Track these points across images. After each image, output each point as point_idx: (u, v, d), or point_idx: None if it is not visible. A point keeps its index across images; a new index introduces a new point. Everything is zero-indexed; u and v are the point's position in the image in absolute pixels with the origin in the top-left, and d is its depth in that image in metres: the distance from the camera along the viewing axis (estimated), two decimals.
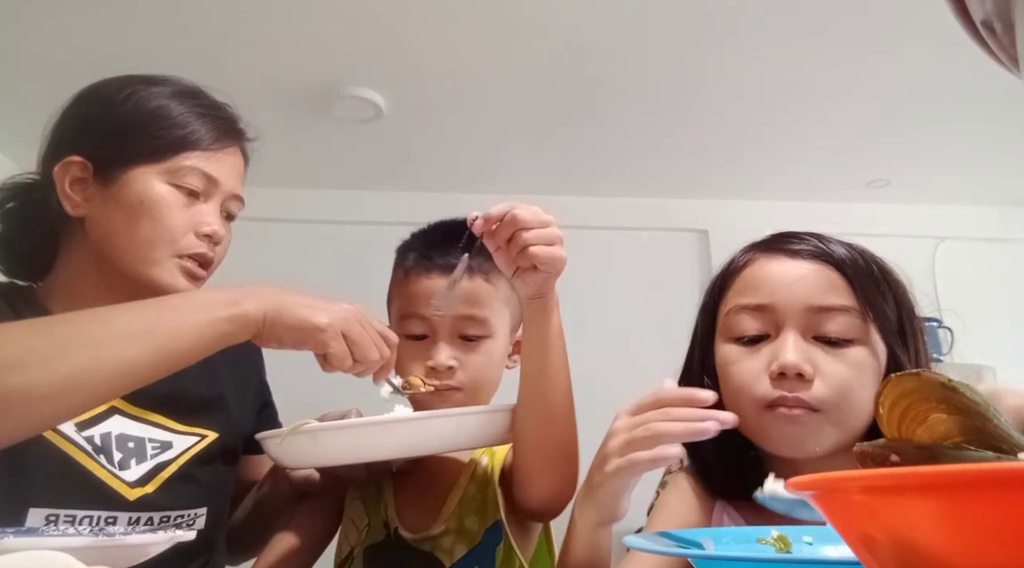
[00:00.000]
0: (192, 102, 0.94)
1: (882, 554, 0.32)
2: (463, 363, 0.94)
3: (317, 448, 0.82)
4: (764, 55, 2.07)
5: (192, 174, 0.89)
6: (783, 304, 0.74)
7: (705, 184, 2.88)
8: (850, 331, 0.73)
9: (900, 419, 0.39)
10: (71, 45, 1.96)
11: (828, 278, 0.74)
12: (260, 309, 0.76)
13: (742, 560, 0.50)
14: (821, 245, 0.77)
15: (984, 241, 3.04)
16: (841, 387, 0.72)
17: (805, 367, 0.71)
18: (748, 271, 0.79)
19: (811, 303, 0.73)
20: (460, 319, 0.94)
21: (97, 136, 0.90)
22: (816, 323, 0.73)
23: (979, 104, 2.26)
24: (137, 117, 0.90)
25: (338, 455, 0.83)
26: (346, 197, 2.86)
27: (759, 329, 0.76)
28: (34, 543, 0.49)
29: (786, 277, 0.75)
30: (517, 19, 1.92)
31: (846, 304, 0.73)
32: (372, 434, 0.81)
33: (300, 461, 0.88)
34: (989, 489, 0.27)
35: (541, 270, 0.77)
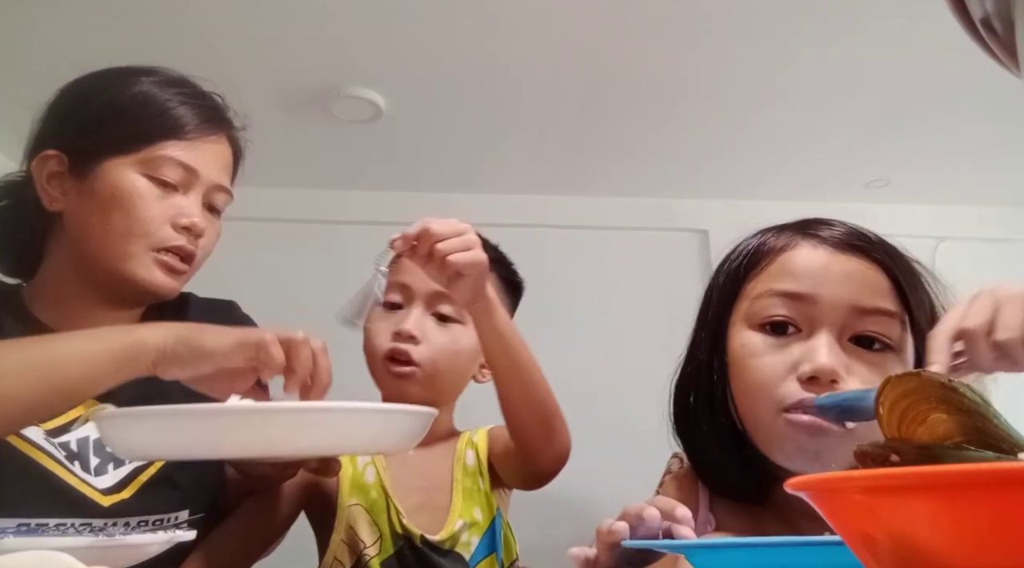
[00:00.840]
0: (172, 90, 0.90)
1: (882, 554, 0.32)
2: (428, 338, 0.95)
3: (120, 437, 0.67)
4: (764, 55, 2.07)
5: (168, 164, 0.85)
6: (828, 299, 0.68)
7: (705, 184, 2.88)
8: (890, 336, 0.67)
9: (900, 419, 0.39)
10: (70, 46, 1.96)
11: (876, 279, 0.69)
12: (160, 336, 0.71)
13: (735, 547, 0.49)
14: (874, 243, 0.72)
15: (984, 241, 3.03)
16: None
17: (842, 372, 0.65)
18: (788, 255, 0.73)
19: (857, 303, 0.68)
20: (438, 294, 0.95)
21: (73, 128, 0.88)
22: (855, 325, 0.67)
23: (979, 104, 2.26)
24: (113, 107, 0.87)
25: (153, 448, 0.67)
26: (346, 197, 2.86)
27: (792, 319, 0.69)
28: (34, 543, 0.49)
29: (833, 272, 0.69)
30: (517, 19, 1.92)
31: (891, 309, 0.68)
32: (181, 425, 0.63)
33: (124, 451, 0.73)
34: (989, 489, 0.27)
35: (465, 274, 0.81)
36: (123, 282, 0.85)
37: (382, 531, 0.94)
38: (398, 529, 0.93)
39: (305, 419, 0.64)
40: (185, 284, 0.93)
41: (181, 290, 0.92)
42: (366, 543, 0.94)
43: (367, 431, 0.68)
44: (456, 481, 0.96)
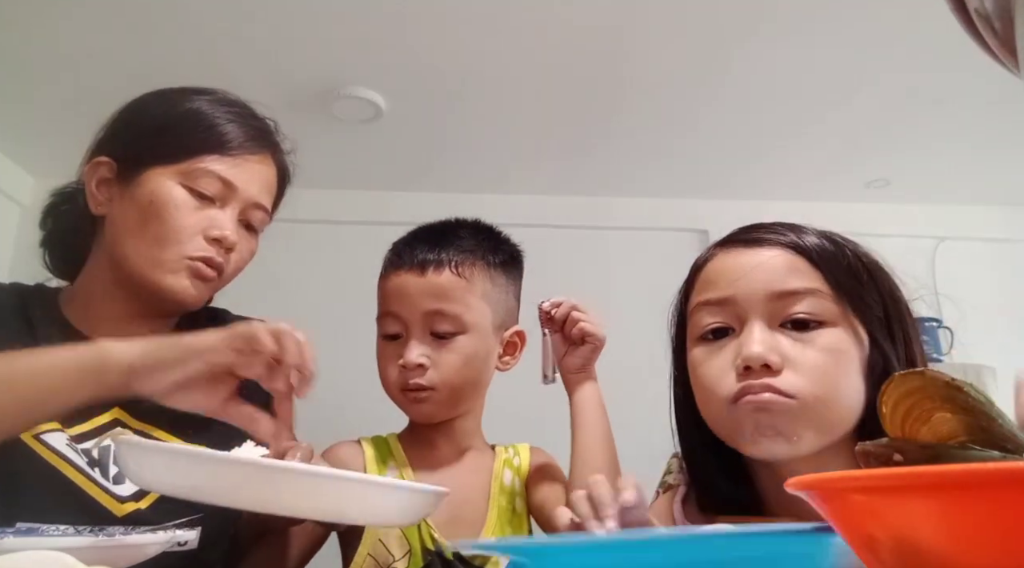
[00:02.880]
0: (223, 109, 0.92)
1: (884, 554, 0.32)
2: (435, 362, 0.93)
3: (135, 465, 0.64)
4: (764, 55, 2.07)
5: (207, 177, 0.87)
6: (743, 294, 0.70)
7: (705, 184, 2.88)
8: (820, 313, 0.67)
9: (904, 418, 0.39)
10: (72, 47, 1.96)
11: (789, 262, 0.70)
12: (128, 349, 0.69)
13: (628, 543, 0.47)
14: (782, 232, 0.73)
15: (984, 241, 3.03)
16: (815, 373, 0.66)
17: (771, 357, 0.66)
18: (707, 267, 0.76)
19: (772, 289, 0.68)
20: (429, 314, 0.93)
21: (125, 138, 0.91)
22: (781, 309, 0.68)
23: (979, 104, 2.26)
24: (163, 120, 0.90)
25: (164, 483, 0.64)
26: (346, 197, 2.86)
27: (722, 323, 0.71)
28: (34, 543, 0.49)
29: (743, 266, 0.71)
30: (517, 19, 1.92)
31: (811, 286, 0.68)
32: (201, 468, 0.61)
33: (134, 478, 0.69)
34: (993, 489, 0.27)
35: (588, 342, 0.95)
36: (149, 287, 0.86)
37: (412, 545, 0.91)
38: (428, 543, 0.92)
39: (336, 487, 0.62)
40: (211, 296, 0.94)
41: (205, 301, 0.93)
42: (395, 556, 0.92)
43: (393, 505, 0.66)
44: (492, 497, 0.94)
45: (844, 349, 0.68)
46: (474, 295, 0.96)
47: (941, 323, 2.64)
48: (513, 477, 0.97)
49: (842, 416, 0.67)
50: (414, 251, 0.96)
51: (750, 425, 0.68)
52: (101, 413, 0.84)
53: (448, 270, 0.94)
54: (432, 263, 0.94)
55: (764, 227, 0.75)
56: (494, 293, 0.98)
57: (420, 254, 0.95)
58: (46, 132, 2.31)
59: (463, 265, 0.95)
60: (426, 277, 0.94)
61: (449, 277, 0.94)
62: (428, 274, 0.94)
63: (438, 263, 0.94)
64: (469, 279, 0.95)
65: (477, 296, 0.96)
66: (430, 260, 0.95)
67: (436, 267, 0.94)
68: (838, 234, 0.75)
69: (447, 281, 0.94)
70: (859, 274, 0.70)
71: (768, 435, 0.67)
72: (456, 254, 0.95)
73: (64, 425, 0.81)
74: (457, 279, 0.95)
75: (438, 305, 0.93)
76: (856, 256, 0.72)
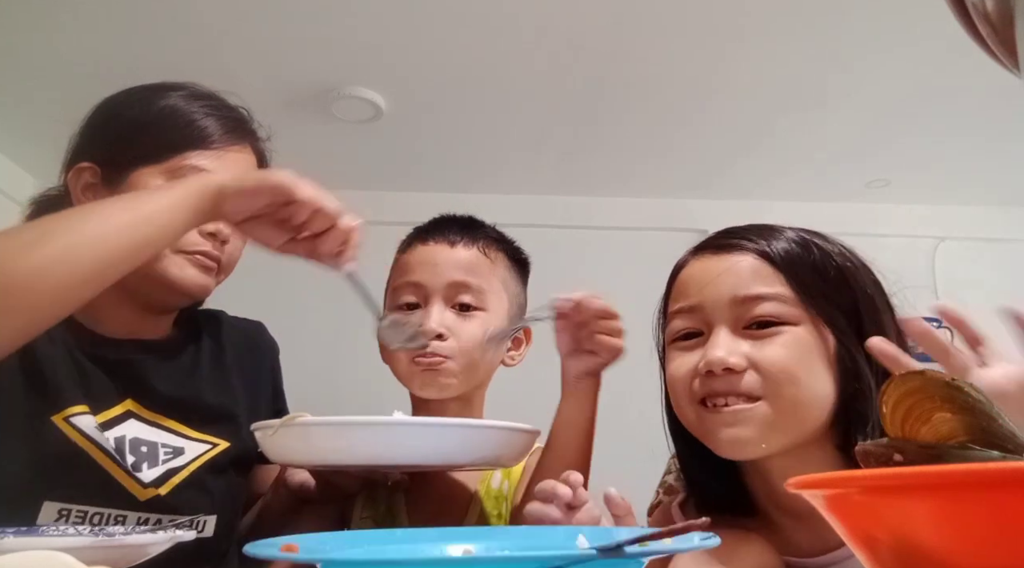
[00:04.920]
0: (198, 103, 0.94)
1: (884, 554, 0.32)
2: (455, 331, 0.93)
3: (308, 443, 0.76)
4: (764, 56, 2.07)
5: (193, 173, 0.88)
6: (710, 301, 0.73)
7: (705, 184, 2.88)
8: (781, 314, 0.70)
9: (904, 418, 0.39)
10: (72, 49, 1.96)
11: (752, 267, 0.72)
12: (223, 178, 0.77)
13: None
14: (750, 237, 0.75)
15: (984, 241, 3.03)
16: (776, 369, 0.68)
17: (731, 360, 0.68)
18: (681, 274, 0.79)
19: (736, 294, 0.71)
20: (454, 285, 0.94)
21: (106, 142, 0.92)
22: (744, 313, 0.71)
23: (979, 104, 2.26)
24: (143, 119, 0.91)
25: (330, 454, 0.76)
26: (346, 197, 2.85)
27: (690, 327, 0.75)
28: (34, 543, 0.49)
29: (710, 273, 0.74)
30: (517, 19, 1.92)
31: (773, 291, 0.70)
32: (369, 435, 0.74)
33: (289, 456, 0.82)
34: (993, 489, 0.27)
35: (600, 357, 0.88)
36: (156, 283, 0.88)
37: None
38: None
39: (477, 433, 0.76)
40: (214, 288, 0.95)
41: (210, 292, 0.95)
42: None
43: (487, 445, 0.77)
44: (475, 501, 0.94)
45: (805, 346, 0.70)
46: (496, 278, 0.98)
47: (941, 323, 2.64)
48: (503, 481, 0.96)
49: (808, 411, 0.69)
50: (444, 229, 0.99)
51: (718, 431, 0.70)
52: (116, 403, 0.87)
53: (477, 249, 0.97)
54: (461, 240, 0.97)
55: (735, 232, 0.77)
56: (511, 284, 1.00)
57: (450, 232, 0.98)
58: (46, 132, 2.30)
59: (490, 248, 0.99)
60: (455, 250, 0.96)
61: (477, 255, 0.97)
62: (458, 248, 0.97)
63: (468, 241, 0.97)
64: (494, 261, 0.98)
65: (498, 280, 0.98)
66: (460, 238, 0.98)
67: (466, 244, 0.97)
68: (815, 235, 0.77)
69: (475, 257, 0.97)
70: (825, 274, 0.72)
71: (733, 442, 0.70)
72: (484, 238, 0.99)
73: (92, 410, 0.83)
74: (484, 258, 0.97)
75: (464, 277, 0.95)
76: (826, 256, 0.74)
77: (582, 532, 0.55)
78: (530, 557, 0.42)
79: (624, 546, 0.42)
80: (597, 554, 0.41)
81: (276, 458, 0.83)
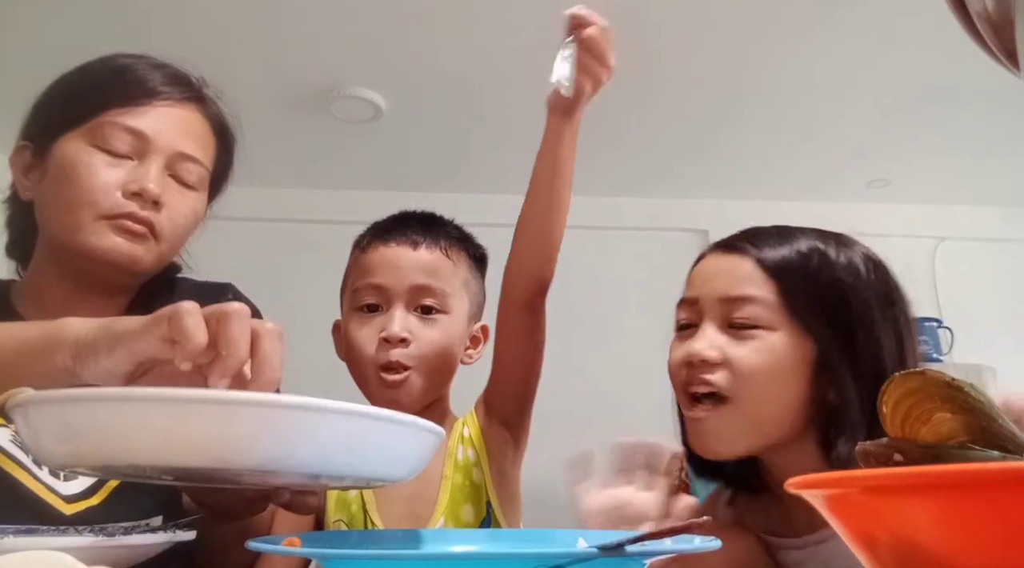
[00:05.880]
0: (128, 62, 0.85)
1: (884, 554, 0.32)
2: (417, 337, 0.92)
3: (37, 433, 0.50)
4: (764, 55, 2.07)
5: (114, 130, 0.80)
6: (705, 297, 0.78)
7: (705, 184, 2.88)
8: (758, 318, 0.74)
9: (904, 418, 0.39)
10: (69, 45, 1.95)
11: (746, 271, 0.76)
12: (80, 325, 0.60)
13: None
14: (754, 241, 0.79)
15: (984, 241, 3.03)
16: (743, 369, 0.73)
17: (707, 353, 0.73)
18: (693, 269, 0.84)
19: (725, 294, 0.76)
20: (416, 288, 0.93)
21: (38, 114, 0.87)
22: (729, 313, 0.75)
23: (979, 104, 2.26)
24: (63, 87, 0.85)
25: (74, 449, 0.49)
26: (346, 197, 2.86)
27: (687, 319, 0.80)
28: (34, 543, 0.49)
29: (711, 271, 0.79)
30: (517, 19, 1.92)
31: (755, 294, 0.75)
32: (142, 418, 0.46)
33: (42, 454, 0.53)
34: (993, 489, 0.27)
35: (602, 81, 0.98)
36: (81, 256, 0.80)
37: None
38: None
39: (289, 418, 0.46)
40: (157, 259, 0.85)
41: (149, 264, 0.84)
42: None
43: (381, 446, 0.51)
44: (445, 479, 0.94)
45: (777, 352, 0.74)
46: (458, 280, 0.98)
47: (941, 323, 2.64)
48: (466, 449, 0.97)
49: (768, 411, 0.74)
50: (406, 229, 0.98)
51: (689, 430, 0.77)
52: None
53: (439, 250, 0.97)
54: (424, 242, 0.96)
55: (747, 235, 0.81)
56: (472, 284, 1.00)
57: (412, 233, 0.97)
58: None
59: (452, 250, 0.98)
60: (418, 252, 0.95)
61: (440, 257, 0.96)
62: (420, 250, 0.96)
63: (430, 243, 0.96)
64: (456, 263, 0.98)
65: (460, 282, 0.98)
66: (422, 239, 0.97)
67: (428, 246, 0.96)
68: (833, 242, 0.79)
69: (438, 260, 0.96)
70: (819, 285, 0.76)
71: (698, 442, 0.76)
72: (446, 239, 0.98)
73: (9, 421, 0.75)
74: (447, 260, 0.97)
75: (428, 281, 0.94)
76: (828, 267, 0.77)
77: (582, 535, 0.55)
78: (531, 555, 0.42)
79: (625, 546, 0.42)
80: (598, 553, 0.41)
81: (35, 455, 0.63)
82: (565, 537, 0.57)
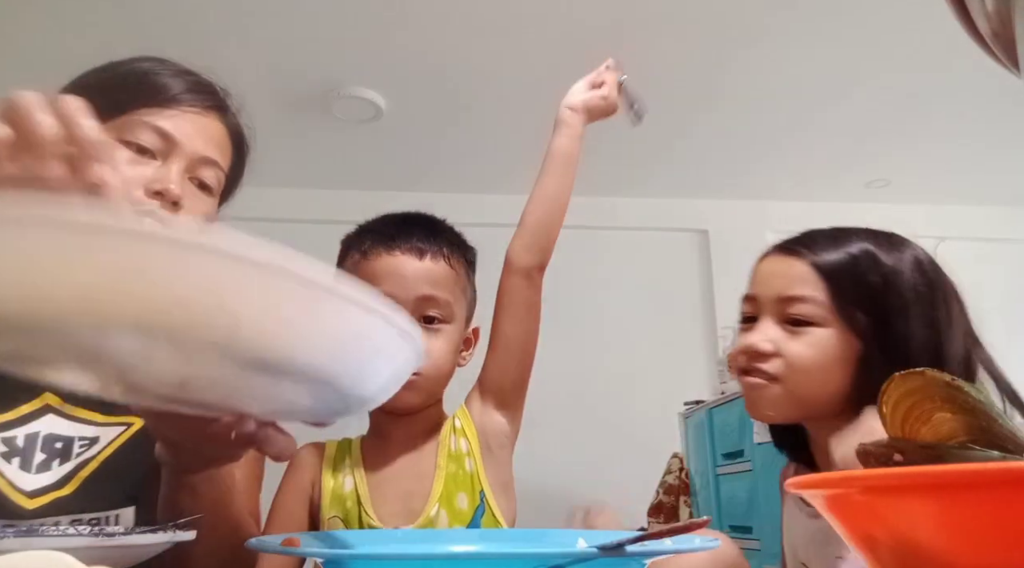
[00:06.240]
0: (161, 66, 0.88)
1: (884, 554, 0.32)
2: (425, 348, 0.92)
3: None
4: (764, 56, 2.07)
5: (142, 128, 0.81)
6: (763, 294, 0.87)
7: (705, 184, 2.88)
8: (811, 315, 0.84)
9: (904, 418, 0.39)
10: (70, 45, 1.96)
11: (800, 273, 0.85)
12: None
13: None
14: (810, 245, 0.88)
15: (984, 241, 3.03)
16: (792, 360, 0.83)
17: (763, 346, 0.84)
18: (756, 267, 0.93)
19: (781, 294, 0.86)
20: (422, 299, 0.93)
21: None
22: (784, 310, 0.85)
23: (979, 104, 2.26)
24: (97, 82, 0.87)
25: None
26: (346, 197, 2.86)
27: (749, 312, 0.90)
28: (34, 543, 0.49)
29: (771, 272, 0.89)
30: (517, 19, 1.92)
31: (809, 294, 0.84)
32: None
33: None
34: (993, 489, 0.27)
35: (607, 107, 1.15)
36: None
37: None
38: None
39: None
40: None
41: None
42: None
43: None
44: (439, 468, 0.95)
45: (827, 347, 0.83)
46: (459, 287, 0.98)
47: None
48: (459, 439, 0.98)
49: (814, 397, 0.84)
50: (410, 236, 0.97)
51: (745, 395, 0.89)
52: (30, 399, 0.79)
53: (443, 259, 0.96)
54: (429, 251, 0.96)
55: (803, 239, 0.90)
56: (468, 289, 1.01)
57: (416, 240, 0.96)
58: None
59: (453, 258, 0.98)
60: (423, 262, 0.95)
61: (444, 267, 0.96)
62: (426, 260, 0.95)
63: (435, 252, 0.96)
64: (457, 272, 0.98)
65: (460, 289, 0.98)
66: (427, 247, 0.96)
67: (433, 255, 0.96)
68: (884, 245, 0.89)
69: (443, 269, 0.96)
70: (866, 287, 0.85)
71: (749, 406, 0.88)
72: (448, 246, 0.98)
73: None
74: (450, 269, 0.96)
75: (433, 291, 0.94)
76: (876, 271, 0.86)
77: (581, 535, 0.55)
78: (531, 555, 0.42)
79: (625, 546, 0.42)
80: (599, 553, 0.41)
81: None
82: (565, 537, 0.57)
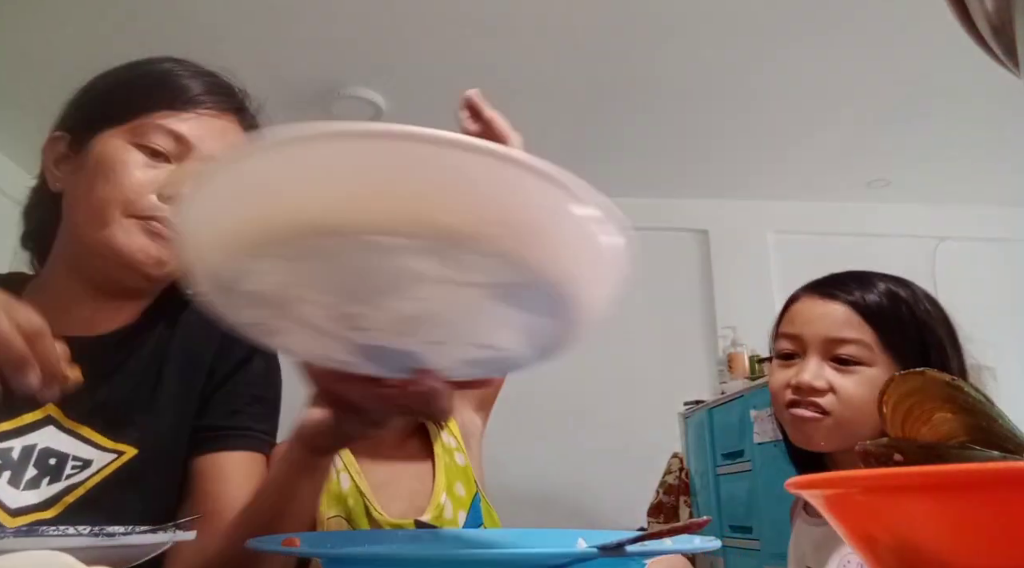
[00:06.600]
0: (179, 67, 0.86)
1: (884, 554, 0.32)
2: None
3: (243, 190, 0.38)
4: (764, 56, 2.07)
5: (157, 132, 0.80)
6: (809, 335, 0.94)
7: (705, 184, 2.88)
8: (859, 356, 0.90)
9: (904, 418, 0.39)
10: (71, 48, 1.96)
11: (846, 315, 0.93)
12: None
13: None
14: (849, 289, 0.95)
15: (984, 241, 3.03)
16: (846, 397, 0.89)
17: (816, 383, 0.90)
18: (793, 307, 1.00)
19: (829, 335, 0.92)
20: None
21: (79, 107, 0.86)
22: (831, 350, 0.92)
23: (979, 104, 2.26)
24: (114, 83, 0.86)
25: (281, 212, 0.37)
26: None
27: (791, 350, 0.97)
28: (34, 543, 0.49)
29: (812, 314, 0.96)
30: (518, 19, 1.92)
31: (859, 337, 0.91)
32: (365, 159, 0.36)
33: (203, 236, 0.41)
34: (993, 489, 0.27)
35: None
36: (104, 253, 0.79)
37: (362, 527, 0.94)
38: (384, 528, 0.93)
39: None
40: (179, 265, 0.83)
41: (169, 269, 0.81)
42: None
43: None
44: (438, 458, 0.96)
45: (876, 384, 0.87)
46: None
47: None
48: (449, 437, 1.01)
49: (862, 430, 0.89)
50: None
51: (793, 428, 0.94)
52: (32, 410, 0.77)
53: None
54: None
55: (837, 281, 0.97)
56: None
57: None
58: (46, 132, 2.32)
59: None
60: None
61: None
62: None
63: None
64: None
65: None
66: None
67: None
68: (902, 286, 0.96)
69: None
70: (906, 325, 0.93)
71: (802, 439, 0.93)
72: None
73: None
74: None
75: None
76: (910, 309, 0.94)
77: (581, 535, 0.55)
78: (531, 556, 0.42)
79: (624, 545, 0.42)
80: (598, 553, 0.41)
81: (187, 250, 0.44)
82: (565, 537, 0.57)
